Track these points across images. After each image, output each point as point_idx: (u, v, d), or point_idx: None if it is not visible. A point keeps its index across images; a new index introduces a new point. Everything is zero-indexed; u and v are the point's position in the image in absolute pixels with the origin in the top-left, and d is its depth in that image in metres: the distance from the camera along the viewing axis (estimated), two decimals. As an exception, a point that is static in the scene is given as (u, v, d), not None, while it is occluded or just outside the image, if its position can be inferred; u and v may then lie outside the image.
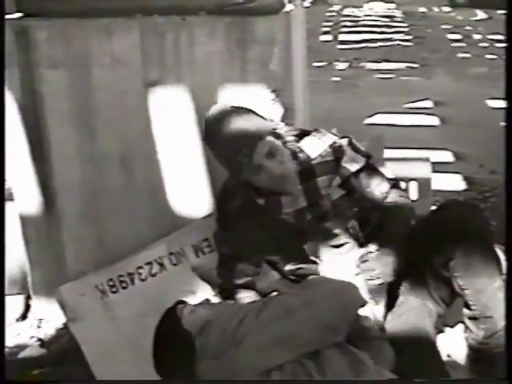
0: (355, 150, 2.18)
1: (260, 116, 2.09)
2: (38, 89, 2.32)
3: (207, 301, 2.08)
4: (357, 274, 2.00)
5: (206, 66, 2.33)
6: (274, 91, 2.35)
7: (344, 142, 2.18)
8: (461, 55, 7.98)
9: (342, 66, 7.72)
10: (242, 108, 2.06)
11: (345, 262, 2.04)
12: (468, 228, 1.90)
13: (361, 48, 8.68)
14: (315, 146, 2.16)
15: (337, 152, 2.15)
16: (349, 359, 1.81)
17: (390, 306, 2.04)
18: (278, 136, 2.07)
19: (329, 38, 9.38)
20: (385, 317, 2.02)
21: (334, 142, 2.16)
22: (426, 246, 1.97)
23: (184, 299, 2.05)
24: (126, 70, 2.34)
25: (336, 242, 2.08)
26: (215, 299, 2.21)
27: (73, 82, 2.34)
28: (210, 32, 2.33)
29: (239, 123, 2.00)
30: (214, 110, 2.08)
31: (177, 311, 1.95)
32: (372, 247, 2.02)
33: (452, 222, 1.93)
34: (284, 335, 1.82)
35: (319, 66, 7.36)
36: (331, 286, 1.96)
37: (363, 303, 1.94)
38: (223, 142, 2.02)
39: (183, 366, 1.87)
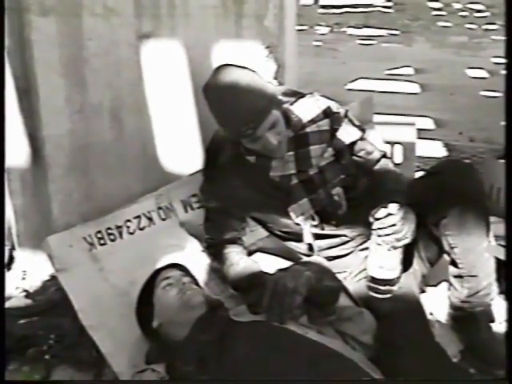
0: (351, 122, 2.17)
1: (264, 80, 1.99)
2: (27, 36, 2.24)
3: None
4: (386, 235, 1.84)
5: (201, 20, 2.30)
6: (267, 47, 2.34)
7: (341, 112, 2.16)
8: (441, 24, 8.00)
9: (322, 30, 7.68)
10: (247, 72, 1.94)
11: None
12: (464, 187, 1.91)
13: (342, 13, 8.64)
14: (308, 110, 2.13)
15: (334, 122, 2.13)
16: None
17: None
18: (279, 105, 2.01)
19: (310, 1, 9.28)
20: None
21: (328, 107, 2.14)
22: (421, 205, 1.92)
23: (178, 263, 2.05)
24: (119, 21, 2.29)
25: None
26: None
27: (63, 31, 2.25)
28: (205, -15, 2.29)
29: (246, 93, 1.88)
30: (217, 72, 1.94)
31: (156, 280, 1.97)
32: (392, 208, 1.82)
33: (449, 181, 1.93)
34: None
35: (300, 30, 7.29)
36: None
37: None
38: (228, 111, 1.91)
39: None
